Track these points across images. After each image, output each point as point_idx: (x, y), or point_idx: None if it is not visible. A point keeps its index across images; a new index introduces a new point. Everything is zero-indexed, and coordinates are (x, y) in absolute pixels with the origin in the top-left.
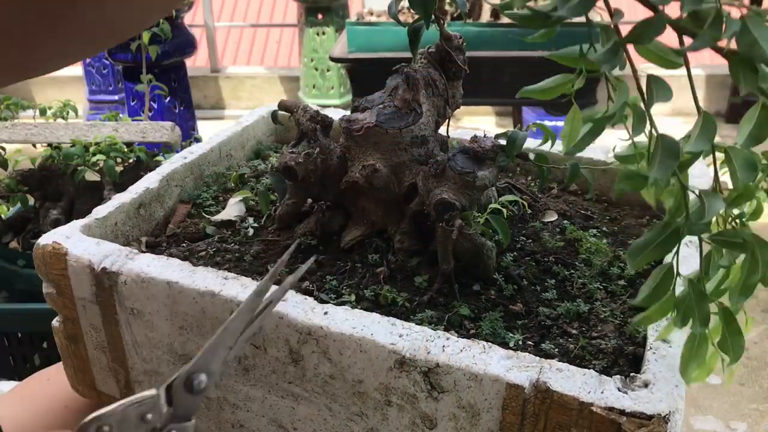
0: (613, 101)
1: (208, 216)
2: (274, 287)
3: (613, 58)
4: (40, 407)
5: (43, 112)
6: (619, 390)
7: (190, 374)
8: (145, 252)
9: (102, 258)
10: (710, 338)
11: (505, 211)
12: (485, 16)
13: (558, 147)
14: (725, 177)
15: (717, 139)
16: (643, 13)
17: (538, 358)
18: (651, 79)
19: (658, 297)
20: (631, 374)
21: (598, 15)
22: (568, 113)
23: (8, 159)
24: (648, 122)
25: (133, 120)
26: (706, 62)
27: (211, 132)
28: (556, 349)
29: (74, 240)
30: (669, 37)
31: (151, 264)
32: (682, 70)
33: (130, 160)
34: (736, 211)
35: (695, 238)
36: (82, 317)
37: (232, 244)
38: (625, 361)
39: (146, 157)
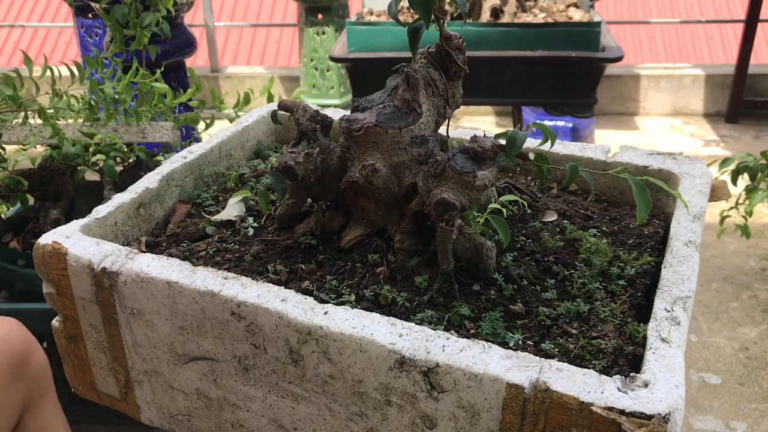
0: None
1: (208, 216)
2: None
3: None
4: None
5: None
6: (619, 390)
7: None
8: (145, 252)
9: (102, 258)
10: None
11: (505, 211)
12: (485, 16)
13: (558, 147)
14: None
15: (716, 139)
16: (643, 13)
17: (538, 358)
18: None
19: None
20: (631, 374)
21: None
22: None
23: (8, 159)
24: None
25: None
26: (707, 62)
27: (211, 132)
28: (556, 349)
29: (74, 240)
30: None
31: (151, 264)
32: (683, 70)
33: (130, 160)
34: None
35: (695, 239)
36: (82, 317)
37: (232, 244)
38: (625, 361)
39: (146, 157)
